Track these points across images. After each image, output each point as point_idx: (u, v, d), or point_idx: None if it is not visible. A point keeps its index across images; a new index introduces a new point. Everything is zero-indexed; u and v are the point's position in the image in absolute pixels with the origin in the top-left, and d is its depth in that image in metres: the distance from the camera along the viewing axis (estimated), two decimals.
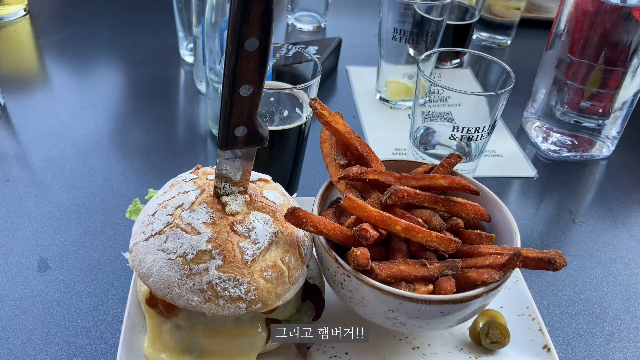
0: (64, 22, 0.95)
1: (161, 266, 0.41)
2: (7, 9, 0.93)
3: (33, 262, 0.54)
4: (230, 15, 0.35)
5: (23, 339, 0.47)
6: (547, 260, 0.43)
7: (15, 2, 0.94)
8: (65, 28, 0.93)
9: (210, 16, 0.67)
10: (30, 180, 0.63)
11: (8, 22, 0.93)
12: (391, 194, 0.47)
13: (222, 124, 0.40)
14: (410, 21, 0.77)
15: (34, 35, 0.93)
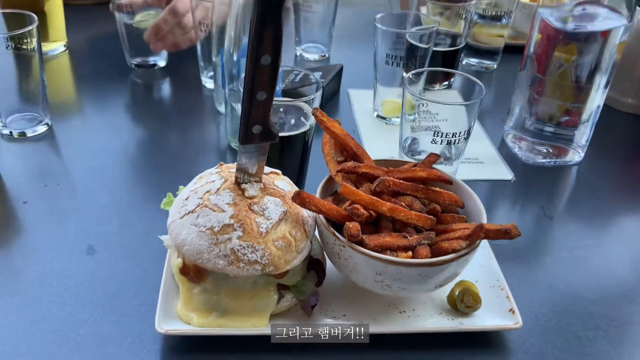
0: (98, 56, 1.08)
1: (193, 237, 0.52)
2: (51, 45, 1.06)
3: (83, 248, 0.65)
4: (249, 38, 0.47)
5: (78, 305, 0.58)
6: (504, 231, 0.53)
7: (57, 39, 1.07)
8: (99, 60, 1.06)
9: (229, 47, 0.78)
10: (77, 183, 0.75)
11: (52, 56, 1.06)
12: (379, 183, 0.57)
13: (242, 123, 0.51)
14: (401, 48, 0.88)
15: (72, 67, 1.06)
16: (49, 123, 0.85)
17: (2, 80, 0.79)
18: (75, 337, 0.55)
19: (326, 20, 1.10)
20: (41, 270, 0.62)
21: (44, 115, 0.84)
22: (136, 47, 1.01)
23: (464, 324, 0.57)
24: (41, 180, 0.75)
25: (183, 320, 0.54)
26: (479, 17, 1.10)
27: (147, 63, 1.02)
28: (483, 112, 1.00)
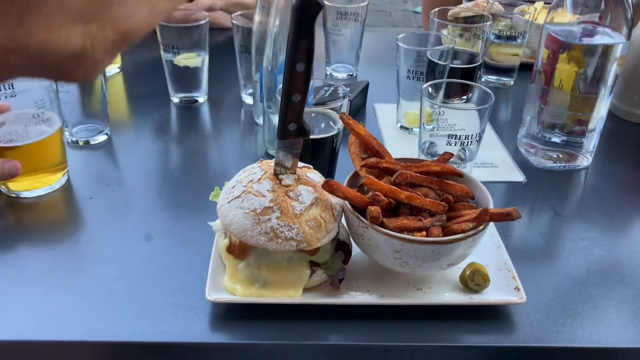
0: (148, 77, 1.20)
1: (239, 218, 0.61)
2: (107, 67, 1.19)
3: (141, 236, 0.75)
4: (287, 48, 0.56)
5: (138, 281, 0.67)
6: (506, 214, 0.61)
7: (113, 62, 1.20)
8: (149, 80, 1.18)
9: (267, 65, 0.89)
10: (134, 183, 0.86)
11: (108, 77, 1.19)
12: (398, 175, 0.66)
13: (280, 122, 0.61)
14: (422, 64, 0.97)
15: (126, 86, 1.19)
16: (108, 133, 0.97)
17: (71, 96, 0.90)
18: (136, 306, 0.64)
19: (354, 43, 1.20)
20: (106, 253, 0.72)
21: (104, 126, 0.96)
22: (178, 85, 1.08)
23: (474, 299, 0.65)
24: (103, 181, 0.86)
25: (229, 291, 0.63)
26: (495, 37, 1.18)
27: (190, 99, 1.10)
28: (500, 123, 1.08)
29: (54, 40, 0.31)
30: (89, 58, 0.33)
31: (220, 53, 1.21)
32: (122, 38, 0.34)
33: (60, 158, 0.83)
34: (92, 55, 0.33)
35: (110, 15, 0.32)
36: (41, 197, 0.82)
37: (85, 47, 0.32)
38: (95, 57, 0.33)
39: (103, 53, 0.34)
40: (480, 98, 0.86)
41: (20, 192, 0.81)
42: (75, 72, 0.34)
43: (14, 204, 0.81)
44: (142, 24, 0.34)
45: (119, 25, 0.33)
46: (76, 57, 0.33)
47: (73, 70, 0.33)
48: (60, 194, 0.83)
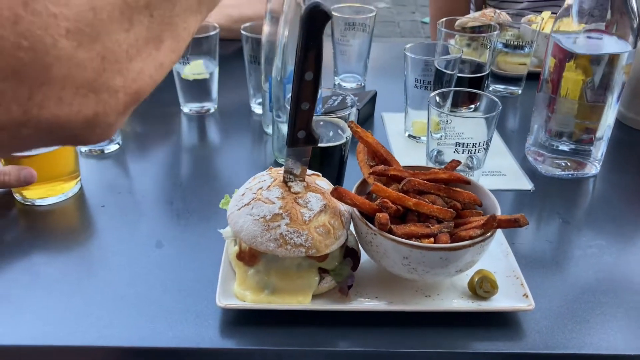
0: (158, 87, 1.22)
1: (249, 224, 0.62)
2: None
3: (152, 243, 0.76)
4: (296, 58, 0.58)
5: (149, 287, 0.68)
6: (513, 220, 0.61)
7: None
8: (159, 90, 1.20)
9: (277, 75, 0.90)
10: (145, 192, 0.87)
11: None
12: (406, 182, 0.66)
13: (289, 129, 0.62)
14: (429, 74, 0.98)
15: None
16: (120, 143, 0.98)
17: None
18: (147, 312, 0.65)
19: (362, 53, 1.21)
20: (118, 260, 0.73)
21: (115, 136, 0.97)
22: (188, 95, 1.10)
23: (482, 305, 0.65)
24: (115, 189, 0.87)
25: (239, 297, 0.64)
26: (503, 47, 1.19)
27: (200, 109, 1.11)
28: (508, 132, 1.08)
29: (65, 112, 0.31)
30: (102, 123, 0.33)
31: (230, 63, 1.23)
32: (134, 99, 0.34)
33: (73, 167, 0.85)
34: (105, 121, 0.33)
35: (120, 81, 0.32)
36: (55, 204, 0.83)
37: (97, 115, 0.32)
38: (109, 122, 0.33)
39: (115, 116, 0.34)
40: (488, 106, 0.87)
41: (35, 200, 0.82)
42: (89, 137, 0.34)
43: (29, 211, 0.82)
44: (151, 81, 0.35)
45: (129, 88, 0.33)
46: (89, 125, 0.32)
47: (86, 136, 0.33)
48: (73, 202, 0.84)
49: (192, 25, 0.36)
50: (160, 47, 0.34)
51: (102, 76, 0.31)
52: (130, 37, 0.32)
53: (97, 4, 0.29)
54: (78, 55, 0.29)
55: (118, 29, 0.31)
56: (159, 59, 0.35)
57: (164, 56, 0.35)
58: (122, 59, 0.32)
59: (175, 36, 0.35)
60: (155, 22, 0.33)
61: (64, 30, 0.28)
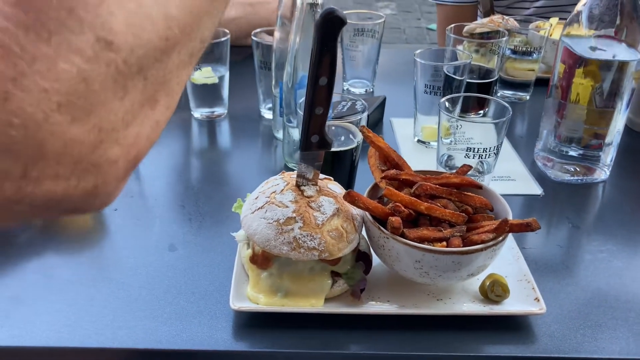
0: None
1: (263, 228, 0.63)
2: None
3: (165, 246, 0.76)
4: (310, 64, 0.58)
5: (163, 289, 0.69)
6: (526, 224, 0.62)
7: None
8: None
9: (287, 81, 0.91)
10: (158, 196, 0.88)
11: None
12: (418, 187, 0.67)
13: (303, 134, 0.63)
14: (438, 79, 0.99)
15: None
16: None
17: None
18: (162, 314, 0.65)
19: (370, 59, 1.22)
20: (132, 263, 0.73)
21: None
22: (199, 100, 1.10)
23: (494, 309, 0.65)
24: (128, 193, 0.88)
25: (252, 300, 0.65)
26: (511, 53, 1.20)
27: (210, 114, 1.12)
28: (516, 137, 1.09)
29: (62, 187, 0.29)
30: (102, 194, 0.32)
31: (240, 68, 1.24)
32: (133, 164, 0.33)
33: None
34: (105, 191, 0.32)
35: (119, 150, 0.31)
36: None
37: (97, 187, 0.31)
38: (109, 191, 0.32)
39: (116, 184, 0.32)
40: (497, 112, 0.87)
41: None
42: (88, 209, 0.32)
43: None
44: (148, 143, 0.33)
45: (128, 155, 0.32)
46: (88, 197, 0.31)
47: (85, 208, 0.32)
48: None
49: (185, 77, 0.35)
50: (155, 106, 0.33)
51: (99, 148, 0.29)
52: (126, 104, 0.30)
53: (89, 75, 0.27)
54: (72, 129, 0.28)
55: (112, 97, 0.29)
56: (154, 118, 0.33)
57: (160, 114, 0.34)
58: (118, 127, 0.30)
59: (169, 92, 0.34)
60: (150, 84, 0.31)
61: (56, 104, 0.27)
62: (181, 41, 0.32)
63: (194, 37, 0.34)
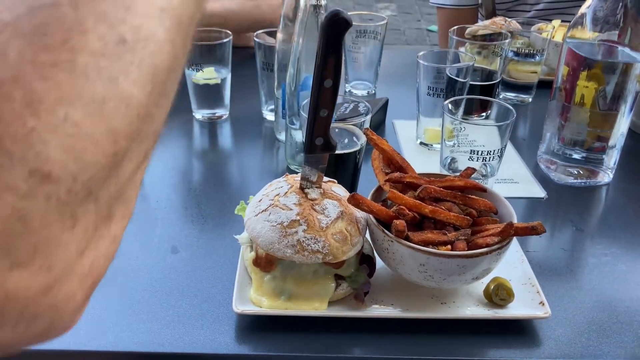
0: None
1: (266, 230, 0.62)
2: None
3: (167, 248, 0.76)
4: (315, 65, 0.58)
5: (166, 292, 0.68)
6: (531, 228, 0.61)
7: None
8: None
9: (290, 82, 0.90)
10: (159, 197, 0.87)
11: None
12: (422, 190, 0.67)
13: (307, 136, 0.62)
14: (441, 81, 0.99)
15: None
16: None
17: None
18: (164, 317, 0.65)
19: (373, 60, 1.22)
20: (134, 265, 0.73)
21: None
22: (201, 101, 1.10)
23: (498, 313, 0.65)
24: None
25: (255, 303, 0.64)
26: (513, 55, 1.19)
27: (212, 116, 1.11)
28: (519, 139, 1.08)
29: (7, 336, 0.26)
30: (58, 329, 0.29)
31: (241, 69, 1.24)
32: (92, 289, 0.30)
33: None
34: (60, 326, 0.29)
35: (75, 284, 0.28)
36: None
37: (53, 323, 0.28)
38: (65, 325, 0.30)
39: (74, 315, 0.29)
40: (501, 114, 0.87)
41: None
42: (45, 341, 0.29)
43: None
44: (106, 262, 0.30)
45: (85, 284, 0.29)
46: (40, 337, 0.28)
47: (41, 342, 0.29)
48: None
49: (140, 178, 0.32)
50: (111, 222, 0.29)
51: (51, 289, 0.26)
52: (77, 233, 0.26)
53: (26, 213, 0.24)
54: (13, 275, 0.24)
55: (60, 231, 0.25)
56: (112, 234, 0.30)
57: (117, 228, 0.30)
58: (72, 260, 0.27)
59: (125, 202, 0.30)
60: (102, 204, 0.28)
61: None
62: (131, 148, 0.28)
63: (145, 136, 0.30)
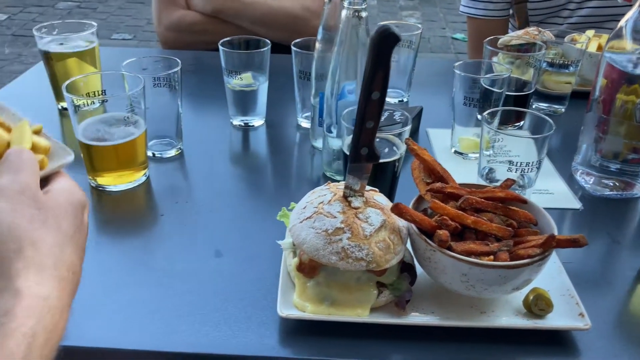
0: (210, 100, 1.25)
1: (311, 237, 0.64)
2: None
3: (211, 252, 0.78)
4: (364, 78, 0.60)
5: (211, 295, 0.70)
6: (573, 240, 0.62)
7: None
8: (211, 103, 1.23)
9: (329, 91, 0.92)
10: (202, 202, 0.90)
11: None
12: (464, 200, 0.68)
13: (352, 146, 0.64)
14: (477, 92, 1.00)
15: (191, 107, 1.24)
16: (181, 148, 1.03)
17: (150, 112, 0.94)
18: (211, 319, 0.67)
19: (406, 69, 1.23)
20: (180, 268, 0.75)
21: (177, 141, 1.03)
22: (238, 108, 1.13)
23: (538, 324, 0.66)
24: (173, 198, 0.90)
25: (298, 308, 0.66)
26: (547, 65, 1.20)
27: (249, 122, 1.14)
28: (552, 150, 1.09)
29: None
30: None
31: (277, 77, 1.26)
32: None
33: (143, 158, 0.93)
34: None
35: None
36: (124, 191, 0.91)
37: None
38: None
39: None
40: (536, 125, 0.87)
41: (106, 186, 0.91)
42: None
43: (101, 196, 0.90)
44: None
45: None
46: None
47: None
48: (139, 193, 0.92)
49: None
50: None
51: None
52: None
53: None
54: None
55: None
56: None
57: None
58: None
59: None
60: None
61: None
62: None
63: None
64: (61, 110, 1.17)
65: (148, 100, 0.91)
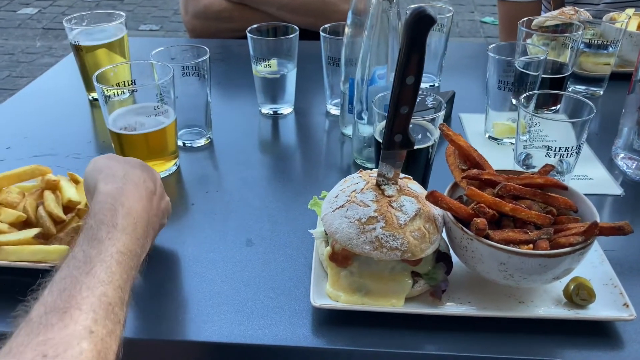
0: (239, 88, 1.25)
1: (344, 226, 0.63)
2: None
3: (242, 241, 0.78)
4: (398, 62, 0.58)
5: (243, 284, 0.70)
6: (617, 228, 0.60)
7: None
8: (239, 91, 1.23)
9: (360, 77, 0.90)
10: (232, 191, 0.89)
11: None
12: (501, 187, 0.66)
13: (386, 133, 0.63)
14: (511, 75, 0.96)
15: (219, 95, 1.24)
16: (210, 137, 1.03)
17: (180, 101, 0.94)
18: (244, 308, 0.67)
19: (437, 53, 1.20)
20: (212, 257, 0.75)
21: (207, 131, 1.02)
22: (267, 95, 1.12)
23: (579, 314, 0.64)
24: (203, 187, 0.90)
25: (332, 298, 0.65)
26: (585, 46, 1.15)
27: (277, 110, 1.13)
28: (591, 134, 1.05)
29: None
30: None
31: (306, 63, 1.24)
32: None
33: (174, 147, 0.93)
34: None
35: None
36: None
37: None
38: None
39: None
40: (574, 109, 0.84)
41: None
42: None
43: None
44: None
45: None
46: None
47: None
48: (170, 182, 0.91)
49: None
50: None
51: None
52: None
53: None
54: None
55: None
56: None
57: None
58: None
59: None
60: None
61: None
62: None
63: None
64: (92, 101, 1.18)
65: (177, 89, 0.91)
